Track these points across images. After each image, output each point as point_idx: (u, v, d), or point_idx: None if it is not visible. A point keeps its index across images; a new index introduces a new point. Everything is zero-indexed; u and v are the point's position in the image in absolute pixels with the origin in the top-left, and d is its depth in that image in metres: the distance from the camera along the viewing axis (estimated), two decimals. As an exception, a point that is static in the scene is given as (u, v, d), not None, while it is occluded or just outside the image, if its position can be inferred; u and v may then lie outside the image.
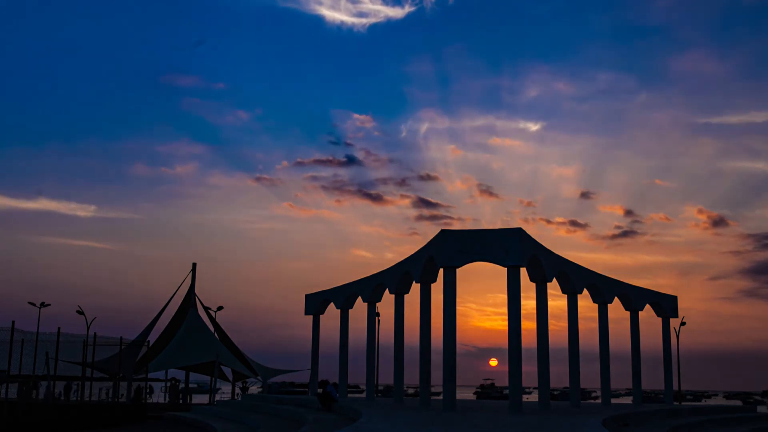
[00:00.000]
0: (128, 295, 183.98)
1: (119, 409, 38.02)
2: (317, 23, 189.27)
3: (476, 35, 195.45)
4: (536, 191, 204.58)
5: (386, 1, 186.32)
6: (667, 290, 42.61)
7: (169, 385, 57.35)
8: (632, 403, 40.86)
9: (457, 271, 28.66)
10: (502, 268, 28.41)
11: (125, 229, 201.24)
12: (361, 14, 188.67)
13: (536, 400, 34.79)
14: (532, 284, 30.98)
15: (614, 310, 40.82)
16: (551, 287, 31.52)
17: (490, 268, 29.34)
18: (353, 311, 39.93)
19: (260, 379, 60.37)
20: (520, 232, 28.30)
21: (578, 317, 33.43)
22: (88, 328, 60.80)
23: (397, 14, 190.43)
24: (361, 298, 38.46)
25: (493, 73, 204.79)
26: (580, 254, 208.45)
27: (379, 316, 50.12)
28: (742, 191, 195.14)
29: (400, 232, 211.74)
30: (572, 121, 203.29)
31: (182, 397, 57.38)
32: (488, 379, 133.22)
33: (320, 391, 31.08)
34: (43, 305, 63.47)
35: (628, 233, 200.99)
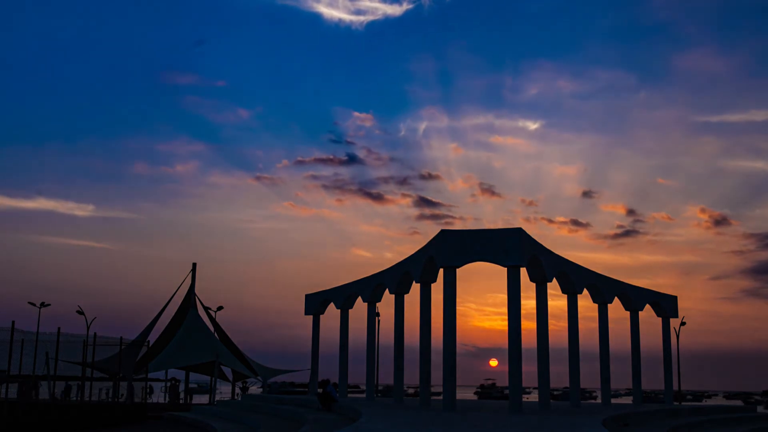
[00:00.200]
0: (128, 295, 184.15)
1: (119, 409, 38.02)
2: (315, 21, 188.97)
3: (476, 33, 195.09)
4: (538, 190, 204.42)
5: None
6: (668, 290, 42.65)
7: (169, 385, 57.35)
8: (632, 403, 40.86)
9: (457, 271, 28.67)
10: (502, 268, 28.42)
11: (125, 228, 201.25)
12: (359, 12, 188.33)
13: (536, 400, 34.78)
14: (532, 284, 30.99)
15: (614, 310, 40.83)
16: (551, 287, 31.56)
17: (490, 268, 29.35)
18: (353, 311, 39.95)
19: (260, 379, 60.35)
20: (520, 232, 28.31)
21: (578, 317, 33.43)
22: (88, 328, 60.90)
23: (395, 12, 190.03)
24: (361, 298, 38.47)
25: (494, 70, 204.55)
26: (581, 254, 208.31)
27: (379, 316, 50.17)
28: (744, 190, 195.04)
29: (401, 231, 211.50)
30: (574, 119, 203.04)
31: (183, 397, 57.42)
32: (489, 379, 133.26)
33: (320, 391, 31.07)
34: (43, 305, 63.56)
35: (630, 232, 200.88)
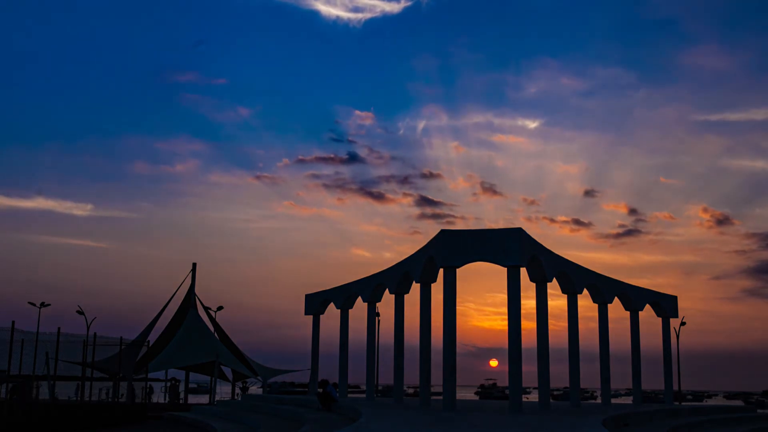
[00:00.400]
0: (128, 295, 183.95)
1: (119, 409, 38.03)
2: (313, 18, 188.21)
3: (477, 30, 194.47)
4: (539, 189, 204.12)
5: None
6: (669, 290, 42.68)
7: (169, 385, 57.36)
8: (632, 403, 40.86)
9: (457, 271, 28.67)
10: (502, 268, 28.41)
11: (124, 228, 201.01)
12: (356, 9, 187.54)
13: (536, 400, 34.76)
14: (532, 284, 30.97)
15: (614, 310, 40.79)
16: (551, 287, 31.53)
17: (490, 268, 29.33)
18: (353, 311, 39.93)
19: (260, 379, 60.36)
20: (519, 232, 28.30)
21: (578, 317, 33.42)
22: (88, 328, 60.95)
23: (393, 9, 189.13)
24: (361, 298, 38.45)
25: (496, 68, 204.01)
26: (583, 254, 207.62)
27: (379, 316, 50.19)
28: (746, 190, 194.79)
29: (402, 231, 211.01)
30: (576, 117, 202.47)
31: (184, 397, 57.42)
32: (490, 379, 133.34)
33: (320, 391, 31.05)
34: (43, 305, 63.62)
35: (632, 232, 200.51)
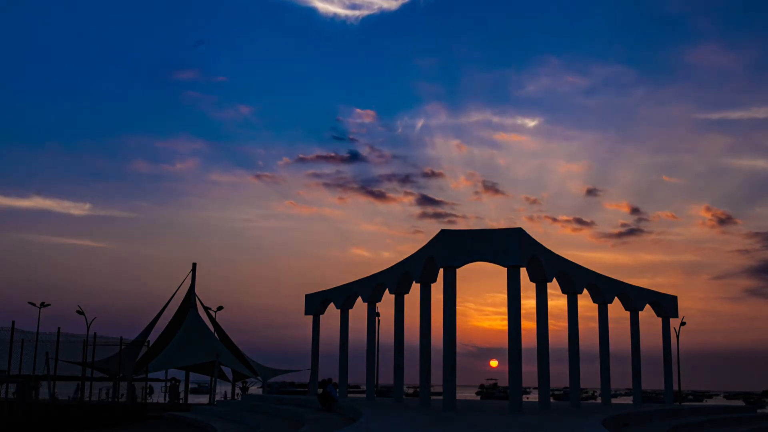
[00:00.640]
0: (128, 295, 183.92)
1: (119, 409, 38.03)
2: (310, 15, 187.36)
3: (478, 28, 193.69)
4: (542, 188, 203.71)
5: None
6: (671, 289, 42.70)
7: (169, 385, 57.36)
8: (632, 403, 40.86)
9: (457, 271, 28.66)
10: (502, 268, 28.41)
11: (124, 227, 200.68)
12: (354, 6, 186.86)
13: (536, 400, 34.76)
14: (532, 284, 30.98)
15: (614, 310, 40.79)
16: (551, 287, 31.54)
17: (490, 268, 29.34)
18: (353, 311, 39.93)
19: (260, 379, 60.36)
20: (519, 232, 28.31)
21: (578, 317, 33.43)
22: (88, 328, 60.97)
23: (390, 6, 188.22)
24: (361, 298, 38.46)
25: (497, 66, 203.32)
26: (585, 253, 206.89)
27: (379, 316, 50.17)
28: (749, 189, 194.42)
29: (403, 230, 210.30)
30: (579, 115, 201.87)
31: (184, 396, 57.41)
32: (491, 379, 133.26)
33: (320, 391, 31.06)
34: (43, 305, 63.64)
35: (634, 231, 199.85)
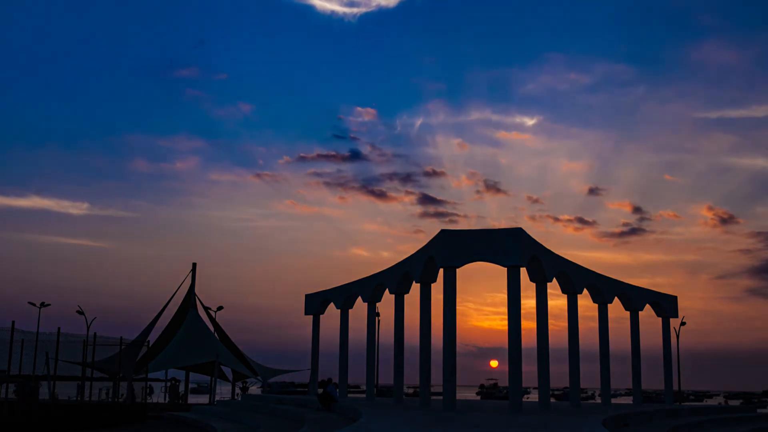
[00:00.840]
0: (128, 295, 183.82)
1: (119, 409, 38.03)
2: (307, 12, 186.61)
3: (480, 25, 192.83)
4: (544, 187, 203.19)
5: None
6: (674, 289, 42.74)
7: (169, 385, 57.37)
8: (632, 403, 40.87)
9: (457, 271, 28.66)
10: (502, 268, 28.41)
11: (123, 227, 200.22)
12: (351, 4, 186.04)
13: (536, 400, 34.76)
14: (532, 284, 30.98)
15: (614, 310, 40.77)
16: (551, 287, 31.55)
17: (490, 268, 29.35)
18: (353, 311, 39.95)
19: (260, 379, 60.38)
20: (519, 232, 28.32)
21: (578, 317, 33.43)
22: (88, 328, 61.03)
23: (388, 3, 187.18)
24: (361, 298, 38.46)
25: (499, 64, 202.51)
26: (587, 253, 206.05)
27: (379, 316, 50.17)
28: (752, 188, 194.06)
29: (404, 230, 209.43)
30: (581, 114, 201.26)
31: (183, 396, 57.41)
32: (491, 379, 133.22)
33: (320, 391, 31.06)
34: (43, 305, 63.70)
35: (636, 231, 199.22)
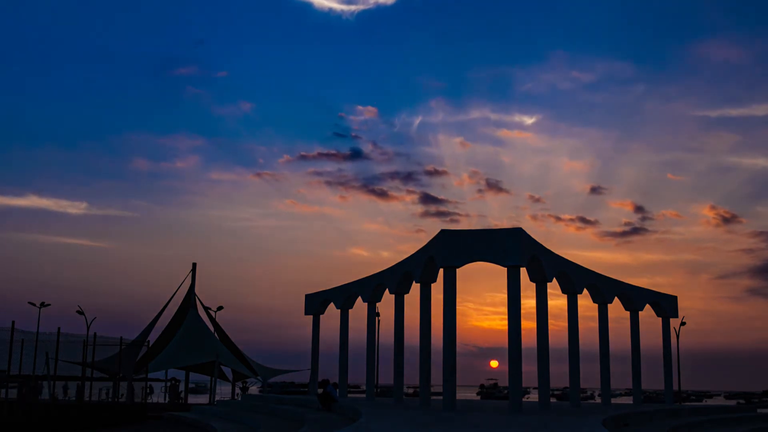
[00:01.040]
0: (128, 295, 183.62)
1: (119, 409, 38.03)
2: (306, 10, 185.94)
3: (480, 24, 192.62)
4: (545, 186, 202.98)
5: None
6: (675, 289, 42.77)
7: (169, 385, 57.37)
8: (632, 403, 40.86)
9: (457, 271, 28.66)
10: (502, 268, 28.41)
11: (123, 226, 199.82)
12: (349, 1, 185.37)
13: (536, 400, 34.76)
14: (532, 284, 30.98)
15: (614, 310, 40.77)
16: (551, 287, 31.55)
17: (490, 268, 29.35)
18: (353, 311, 39.94)
19: (260, 379, 60.38)
20: (519, 232, 28.32)
21: (578, 317, 33.43)
22: (88, 328, 61.02)
23: (386, 0, 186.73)
24: (361, 298, 38.46)
25: (500, 62, 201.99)
26: (588, 252, 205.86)
27: (379, 316, 50.18)
28: (754, 187, 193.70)
29: (405, 229, 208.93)
30: (583, 112, 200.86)
31: (183, 396, 57.41)
32: (491, 378, 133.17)
33: (320, 391, 31.06)
34: (43, 305, 63.73)
35: (638, 230, 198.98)
